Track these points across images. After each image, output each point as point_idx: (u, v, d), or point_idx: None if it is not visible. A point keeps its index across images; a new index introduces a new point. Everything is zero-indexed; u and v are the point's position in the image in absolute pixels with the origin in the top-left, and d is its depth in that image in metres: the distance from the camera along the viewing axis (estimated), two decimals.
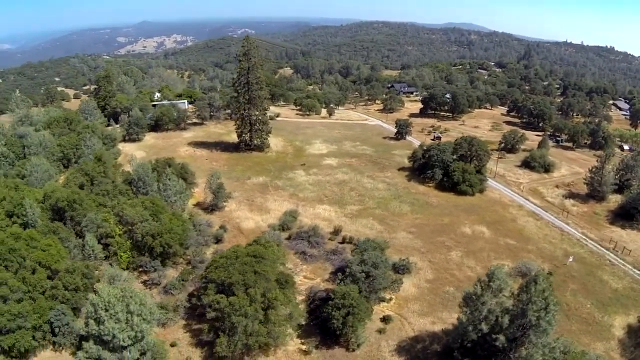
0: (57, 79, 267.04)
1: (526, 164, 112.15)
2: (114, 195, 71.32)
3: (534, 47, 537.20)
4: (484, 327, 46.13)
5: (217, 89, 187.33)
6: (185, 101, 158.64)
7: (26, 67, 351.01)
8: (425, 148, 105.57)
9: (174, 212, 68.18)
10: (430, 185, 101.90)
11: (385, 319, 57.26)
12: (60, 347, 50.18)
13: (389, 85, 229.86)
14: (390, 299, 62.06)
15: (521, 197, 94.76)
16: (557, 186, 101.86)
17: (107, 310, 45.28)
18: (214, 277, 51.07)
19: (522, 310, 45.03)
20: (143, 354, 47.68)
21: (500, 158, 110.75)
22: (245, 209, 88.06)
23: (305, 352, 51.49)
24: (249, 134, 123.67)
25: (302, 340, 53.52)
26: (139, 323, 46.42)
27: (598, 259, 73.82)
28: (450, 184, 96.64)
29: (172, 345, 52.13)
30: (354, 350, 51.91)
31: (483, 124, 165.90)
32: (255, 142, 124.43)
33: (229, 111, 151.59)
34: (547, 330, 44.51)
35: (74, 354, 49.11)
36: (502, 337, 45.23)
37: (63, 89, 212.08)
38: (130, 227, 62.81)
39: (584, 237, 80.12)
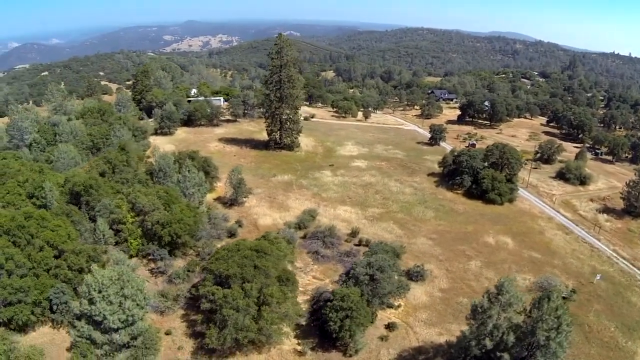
0: (101, 73, 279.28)
1: (561, 176, 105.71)
2: (132, 184, 73.04)
3: (580, 58, 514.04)
4: (488, 343, 42.80)
5: (254, 87, 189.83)
6: (221, 98, 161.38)
7: (72, 61, 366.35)
8: (455, 154, 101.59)
9: (188, 204, 68.73)
10: (459, 192, 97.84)
11: (390, 326, 54.73)
12: (58, 325, 51.14)
13: (429, 91, 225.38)
14: (399, 306, 59.40)
15: (552, 209, 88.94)
16: (591, 200, 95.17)
17: (100, 292, 45.88)
18: (212, 268, 50.73)
19: (531, 329, 41.56)
20: (134, 338, 47.92)
21: (535, 168, 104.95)
22: (265, 205, 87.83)
23: (300, 353, 49.97)
24: (279, 132, 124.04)
25: (299, 341, 51.99)
26: (131, 307, 46.59)
27: (628, 279, 67.97)
28: (478, 192, 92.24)
29: (167, 333, 51.96)
30: (351, 355, 49.72)
31: (521, 134, 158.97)
32: (285, 140, 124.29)
33: (262, 109, 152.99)
34: (558, 353, 40.62)
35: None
36: (506, 356, 41.68)
37: (106, 83, 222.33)
38: (142, 215, 64.10)
39: (615, 255, 74.09)
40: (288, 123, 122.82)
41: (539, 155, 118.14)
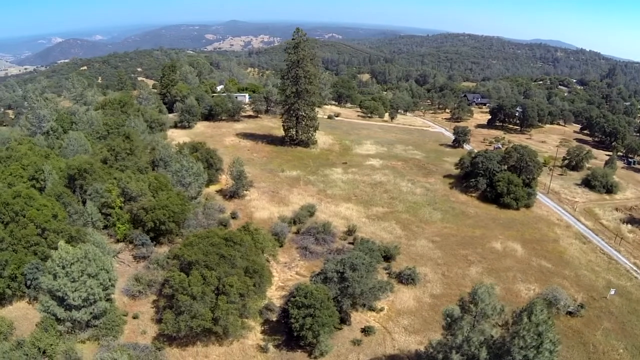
0: (139, 69, 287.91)
1: (586, 183, 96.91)
2: (133, 172, 73.24)
3: (622, 67, 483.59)
4: (455, 358, 38.39)
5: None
6: (247, 95, 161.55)
7: (111, 57, 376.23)
8: (473, 155, 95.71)
9: (179, 192, 67.86)
10: (473, 195, 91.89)
11: (366, 330, 50.72)
12: (34, 300, 50.66)
13: (462, 95, 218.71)
14: (381, 309, 55.60)
15: (572, 217, 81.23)
16: (616, 209, 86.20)
17: (63, 268, 45.28)
18: (179, 254, 49.25)
19: (506, 345, 36.88)
20: (95, 317, 47.00)
21: (561, 174, 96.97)
22: (266, 199, 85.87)
23: (262, 349, 47.52)
24: (295, 128, 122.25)
25: (264, 337, 49.59)
26: (93, 286, 45.83)
27: None
28: (493, 195, 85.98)
29: (135, 317, 50.55)
30: (316, 357, 46.42)
31: (551, 140, 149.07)
32: (302, 137, 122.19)
33: None
34: None
35: None
36: None
37: (143, 79, 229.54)
38: (131, 201, 63.87)
39: (635, 268, 66.22)
40: (304, 119, 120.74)
41: (566, 161, 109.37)
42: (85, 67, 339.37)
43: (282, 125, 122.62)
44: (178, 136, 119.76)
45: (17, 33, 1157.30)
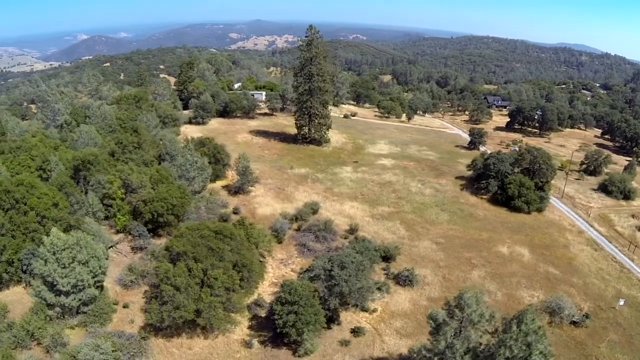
0: (161, 66, 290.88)
1: (603, 188, 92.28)
2: (137, 165, 73.82)
3: None
4: None
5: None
6: (263, 92, 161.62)
7: (134, 54, 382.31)
8: (485, 157, 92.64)
9: (179, 185, 67.84)
10: (484, 197, 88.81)
11: (356, 331, 49.22)
12: (30, 285, 51.26)
13: (482, 97, 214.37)
14: (374, 310, 54.01)
15: (585, 223, 77.31)
16: (633, 215, 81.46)
17: (54, 254, 45.65)
18: (169, 245, 49.07)
19: (491, 355, 34.84)
20: (84, 304, 47.20)
21: (578, 179, 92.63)
22: (271, 195, 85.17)
23: (246, 345, 46.69)
24: (307, 126, 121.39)
25: (251, 332, 48.74)
26: (81, 272, 46.10)
27: None
28: (503, 198, 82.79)
29: (125, 306, 50.65)
30: (300, 356, 45.31)
31: (571, 144, 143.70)
32: (314, 135, 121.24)
33: None
34: None
35: None
36: None
37: (165, 76, 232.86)
38: (132, 193, 64.19)
39: None
40: (317, 117, 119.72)
41: (584, 166, 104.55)
42: (108, 64, 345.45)
43: (295, 123, 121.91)
44: (191, 132, 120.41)
45: (43, 30, 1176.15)
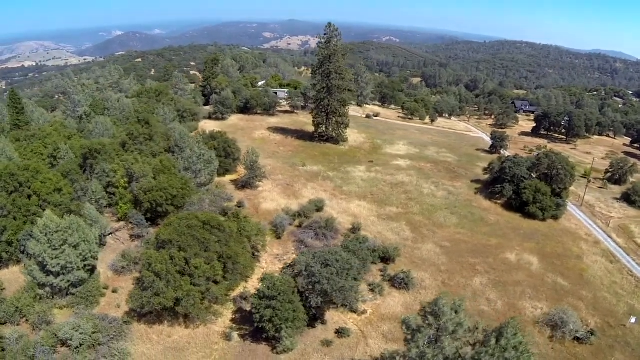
0: (192, 63, 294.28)
1: (626, 198, 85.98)
2: (146, 155, 74.47)
3: None
4: None
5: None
6: (286, 91, 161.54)
7: (166, 50, 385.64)
8: (502, 160, 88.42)
9: (182, 177, 67.85)
10: (498, 202, 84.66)
11: (341, 332, 47.30)
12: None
13: (510, 102, 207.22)
14: (364, 312, 51.90)
15: (603, 233, 72.01)
16: None
17: (45, 235, 46.33)
18: (157, 232, 48.85)
19: None
20: (73, 286, 47.43)
21: (601, 187, 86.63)
22: (278, 191, 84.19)
23: (226, 337, 45.71)
24: (325, 124, 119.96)
25: (233, 325, 47.73)
26: (70, 255, 46.44)
27: None
28: (518, 204, 78.54)
29: (114, 291, 50.71)
30: (278, 353, 44.00)
31: (597, 151, 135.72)
32: (332, 133, 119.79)
33: None
34: None
35: None
36: None
37: (195, 72, 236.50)
38: (135, 182, 64.69)
39: None
40: (335, 116, 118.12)
41: (609, 174, 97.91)
42: (140, 59, 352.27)
43: (312, 120, 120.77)
44: (209, 127, 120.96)
45: (79, 25, 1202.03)
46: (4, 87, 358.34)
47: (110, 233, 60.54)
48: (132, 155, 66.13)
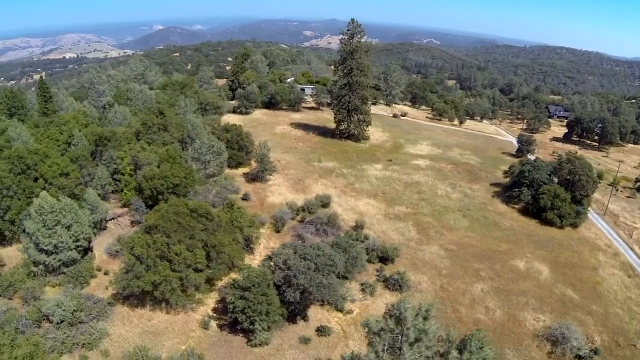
0: (229, 58, 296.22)
1: None
2: (157, 145, 75.16)
3: None
4: None
5: None
6: (313, 87, 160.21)
7: (204, 45, 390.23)
8: (522, 163, 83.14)
9: (188, 167, 67.79)
10: (515, 206, 79.56)
11: (321, 330, 45.39)
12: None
13: (544, 107, 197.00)
14: (349, 312, 49.54)
15: (624, 244, 65.71)
16: None
17: (40, 215, 47.14)
18: (146, 218, 48.75)
19: None
20: (65, 265, 47.90)
21: (629, 197, 79.44)
22: (287, 185, 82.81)
23: (204, 326, 44.83)
24: (347, 121, 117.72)
25: (214, 314, 46.75)
26: (62, 235, 47.09)
27: None
28: (535, 209, 73.43)
29: (105, 273, 51.05)
30: (252, 346, 42.70)
31: (631, 160, 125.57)
32: (354, 131, 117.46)
33: None
34: None
35: None
36: None
37: (231, 68, 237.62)
38: (140, 169, 65.28)
39: None
40: (356, 113, 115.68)
41: (638, 183, 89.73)
42: (177, 54, 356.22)
43: (334, 117, 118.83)
44: (232, 120, 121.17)
45: (121, 19, 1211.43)
46: (43, 77, 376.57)
47: (112, 218, 61.27)
48: (140, 144, 66.69)
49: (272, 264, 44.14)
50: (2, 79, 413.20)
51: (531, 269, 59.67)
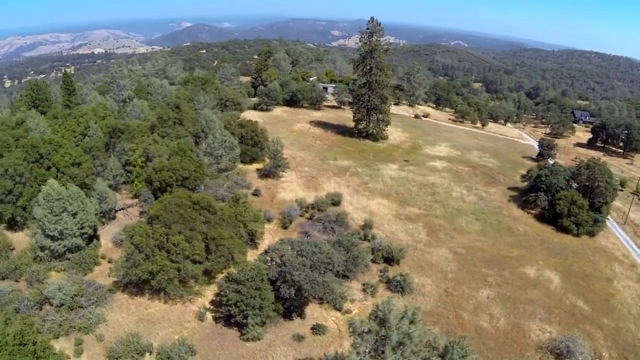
0: (255, 56, 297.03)
1: None
2: (170, 138, 75.78)
3: None
4: None
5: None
6: (334, 85, 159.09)
7: (230, 43, 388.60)
8: (540, 167, 79.75)
9: (198, 161, 68.03)
10: (531, 212, 76.35)
11: (317, 329, 44.46)
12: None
13: (570, 112, 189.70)
14: (348, 311, 48.39)
15: None
16: None
17: (48, 202, 48.02)
18: (150, 208, 49.05)
19: None
20: (70, 251, 48.55)
21: None
22: (299, 182, 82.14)
23: (199, 317, 44.58)
24: (366, 121, 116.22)
25: (211, 307, 46.40)
26: (68, 222, 47.89)
27: None
28: (551, 215, 70.17)
29: (109, 261, 51.56)
30: (245, 340, 42.10)
31: None
32: (373, 131, 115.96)
33: None
34: None
35: None
36: None
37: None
38: (151, 161, 65.92)
39: None
40: (375, 112, 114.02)
41: None
42: (204, 51, 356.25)
43: (353, 116, 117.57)
44: (252, 117, 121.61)
45: (150, 15, 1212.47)
46: (72, 72, 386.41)
47: (122, 209, 62.07)
48: (152, 137, 67.35)
49: (268, 258, 43.49)
50: (32, 72, 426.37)
51: (541, 277, 56.95)
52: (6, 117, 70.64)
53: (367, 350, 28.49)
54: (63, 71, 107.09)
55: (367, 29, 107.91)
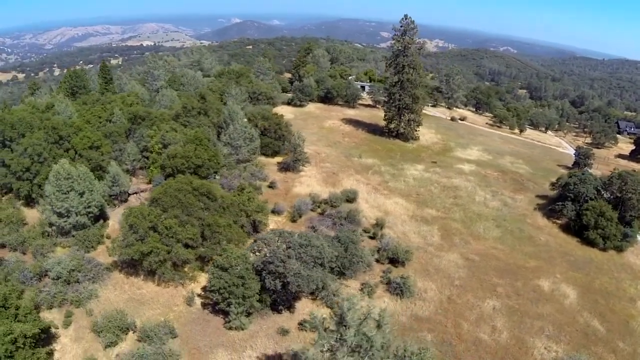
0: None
1: None
2: (192, 127, 76.20)
3: None
4: None
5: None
6: (370, 84, 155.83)
7: (277, 40, 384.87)
8: (569, 175, 73.16)
9: (214, 150, 67.67)
10: (557, 221, 70.19)
11: (304, 324, 42.77)
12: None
13: (614, 122, 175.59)
14: None
15: None
16: None
17: (57, 180, 49.12)
18: (152, 192, 49.08)
19: None
20: (75, 228, 49.57)
21: None
22: (318, 178, 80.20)
23: (188, 302, 43.91)
24: (397, 120, 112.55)
25: (202, 292, 45.37)
26: (74, 200, 48.85)
27: None
28: (577, 226, 64.03)
29: (113, 242, 51.36)
30: (228, 329, 40.92)
31: None
32: (405, 131, 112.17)
33: None
34: None
35: None
36: None
37: None
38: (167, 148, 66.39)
39: None
40: (407, 112, 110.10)
41: None
42: (250, 47, 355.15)
43: (384, 115, 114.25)
44: (285, 112, 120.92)
45: (200, 10, 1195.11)
46: (119, 63, 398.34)
47: (135, 192, 62.85)
48: (169, 124, 67.87)
49: (256, 248, 42.09)
50: (82, 62, 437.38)
51: (556, 292, 51.85)
52: (39, 101, 73.62)
53: (323, 350, 26.24)
54: (101, 62, 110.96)
55: (400, 26, 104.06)
